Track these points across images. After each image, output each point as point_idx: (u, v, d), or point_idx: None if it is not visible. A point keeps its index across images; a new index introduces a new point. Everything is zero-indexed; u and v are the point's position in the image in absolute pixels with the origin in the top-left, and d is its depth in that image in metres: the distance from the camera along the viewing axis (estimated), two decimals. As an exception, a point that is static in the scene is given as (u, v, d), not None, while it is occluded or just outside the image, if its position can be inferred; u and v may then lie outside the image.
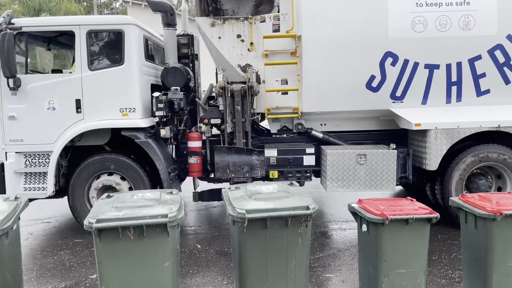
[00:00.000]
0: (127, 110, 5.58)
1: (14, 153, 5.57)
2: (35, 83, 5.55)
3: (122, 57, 5.55)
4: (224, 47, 5.85)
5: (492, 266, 3.27)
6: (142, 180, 5.67)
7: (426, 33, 5.47)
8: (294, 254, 3.10)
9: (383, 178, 5.55)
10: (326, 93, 5.70)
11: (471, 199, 3.46)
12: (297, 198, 3.23)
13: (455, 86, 5.65)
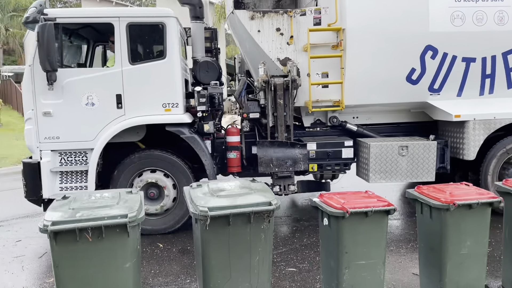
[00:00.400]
0: (170, 105, 5.42)
1: (49, 151, 5.28)
2: (72, 78, 5.27)
3: (164, 50, 5.38)
4: (264, 41, 5.76)
5: (446, 254, 3.42)
6: (186, 176, 5.51)
7: (464, 27, 5.61)
8: (257, 250, 3.10)
9: (423, 168, 5.62)
10: (368, 86, 5.74)
11: (426, 190, 3.60)
12: (260, 194, 3.23)
13: (489, 79, 5.84)
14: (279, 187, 5.69)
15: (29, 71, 5.25)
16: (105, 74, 5.39)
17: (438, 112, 5.88)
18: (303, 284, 4.16)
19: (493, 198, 3.42)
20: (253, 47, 5.87)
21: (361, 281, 3.29)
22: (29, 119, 5.28)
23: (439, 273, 3.46)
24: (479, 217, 3.44)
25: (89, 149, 5.34)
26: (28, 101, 5.28)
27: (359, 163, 5.95)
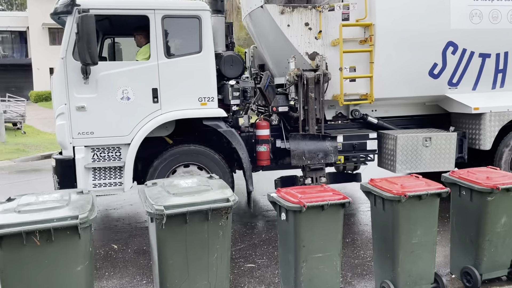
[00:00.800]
0: (206, 99, 5.37)
1: (83, 147, 5.08)
2: (107, 71, 5.09)
3: (200, 44, 5.30)
4: (293, 35, 5.76)
5: (399, 244, 3.54)
6: (223, 172, 5.41)
7: (481, 24, 5.89)
8: (215, 247, 3.07)
9: (445, 158, 5.86)
10: (395, 80, 5.88)
11: (379, 183, 3.70)
12: (217, 191, 3.20)
13: (501, 74, 6.19)
14: (311, 179, 5.71)
15: (61, 64, 5.01)
16: (141, 67, 5.23)
17: (456, 105, 6.13)
18: (262, 280, 4.18)
19: (441, 189, 3.58)
20: (281, 41, 5.88)
21: (318, 273, 3.35)
22: (61, 114, 5.04)
23: (392, 262, 3.58)
24: (428, 207, 3.58)
25: (123, 144, 5.21)
26: (60, 95, 5.05)
27: (382, 154, 6.10)
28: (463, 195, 3.85)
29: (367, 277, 4.16)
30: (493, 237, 3.77)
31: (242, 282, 4.14)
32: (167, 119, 5.23)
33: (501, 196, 3.68)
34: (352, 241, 5.11)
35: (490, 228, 3.74)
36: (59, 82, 5.05)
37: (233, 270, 4.35)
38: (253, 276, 4.26)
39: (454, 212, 4.00)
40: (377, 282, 3.80)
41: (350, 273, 4.28)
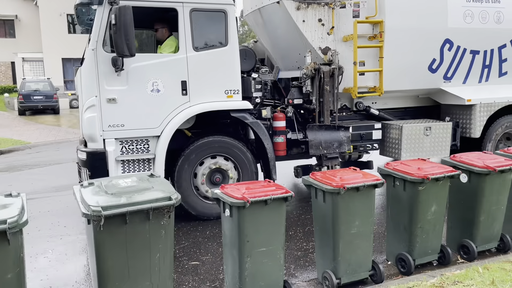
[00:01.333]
0: (232, 92, 5.53)
1: (113, 139, 5.07)
2: (137, 63, 5.07)
3: (226, 38, 5.45)
4: (307, 30, 6.02)
5: (338, 234, 3.66)
6: (249, 162, 5.63)
7: (473, 24, 6.45)
8: (157, 247, 3.00)
9: (441, 146, 6.43)
10: (400, 74, 6.28)
11: (320, 176, 3.80)
12: (158, 189, 3.12)
13: (487, 69, 6.80)
14: (327, 167, 5.87)
15: (92, 55, 4.96)
16: (171, 60, 5.28)
17: (449, 97, 6.66)
18: (207, 277, 4.15)
19: (377, 181, 3.74)
20: (295, 36, 6.14)
21: (262, 267, 3.38)
22: (92, 106, 5.00)
23: (333, 252, 3.70)
24: (366, 198, 3.74)
25: (152, 136, 5.25)
26: (89, 87, 5.01)
27: (386, 143, 6.53)
28: (397, 185, 4.05)
29: (309, 268, 4.27)
30: (424, 224, 4.01)
31: (186, 281, 4.08)
32: (198, 111, 5.34)
33: (431, 185, 3.92)
34: (295, 233, 5.22)
35: (422, 216, 3.98)
36: (89, 74, 5.01)
37: (176, 269, 4.28)
38: (198, 274, 4.22)
39: (389, 202, 4.21)
40: (319, 272, 3.91)
41: (293, 265, 4.36)
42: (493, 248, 4.46)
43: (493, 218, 4.32)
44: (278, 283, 3.49)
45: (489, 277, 3.53)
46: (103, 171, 5.01)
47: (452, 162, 4.34)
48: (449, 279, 3.59)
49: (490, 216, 4.30)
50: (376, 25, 6.12)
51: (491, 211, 4.28)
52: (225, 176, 5.63)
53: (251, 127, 5.67)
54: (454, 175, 4.03)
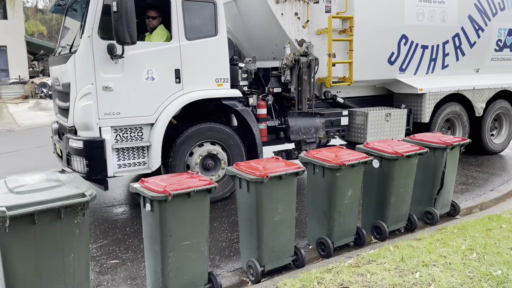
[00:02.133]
0: (222, 80, 5.71)
1: (109, 127, 5.05)
2: (133, 51, 5.05)
3: (216, 28, 5.61)
4: (285, 23, 6.37)
5: (262, 222, 3.71)
6: (238, 146, 5.88)
7: (423, 22, 7.14)
8: (71, 248, 2.79)
9: (398, 130, 7.14)
10: (365, 65, 6.81)
11: (243, 166, 3.82)
12: (70, 186, 2.90)
13: (433, 62, 7.54)
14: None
15: (87, 43, 4.88)
16: (165, 48, 5.32)
17: (404, 87, 7.38)
18: (128, 275, 3.98)
19: (298, 169, 3.84)
20: (274, 28, 6.48)
21: (186, 261, 3.32)
22: (87, 94, 4.92)
23: (257, 240, 3.75)
24: (288, 186, 3.83)
25: (145, 124, 5.29)
26: (85, 75, 4.92)
27: (352, 129, 7.11)
28: (316, 172, 4.20)
29: (234, 258, 4.29)
30: (342, 208, 4.22)
31: (105, 280, 3.88)
32: (192, 99, 5.45)
33: (347, 171, 4.12)
34: (220, 224, 5.20)
35: (340, 201, 4.18)
36: (84, 62, 4.92)
37: (94, 269, 4.05)
38: (117, 272, 4.03)
39: (310, 188, 4.36)
40: (244, 262, 3.94)
41: (218, 256, 4.35)
42: (402, 227, 4.83)
43: (401, 200, 4.67)
44: (203, 276, 3.45)
45: (399, 255, 3.81)
46: (101, 160, 5.00)
47: (365, 149, 4.61)
48: (364, 259, 3.81)
49: (399, 198, 4.64)
50: (346, 20, 6.62)
51: (400, 194, 4.63)
52: (217, 161, 5.82)
53: (241, 114, 5.88)
54: (367, 161, 4.28)
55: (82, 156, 4.98)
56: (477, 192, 6.34)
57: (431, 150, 4.84)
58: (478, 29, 7.82)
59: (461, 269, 3.45)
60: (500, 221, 4.61)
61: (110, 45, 4.88)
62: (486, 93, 8.20)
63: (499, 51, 8.27)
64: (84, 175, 4.98)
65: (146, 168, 5.29)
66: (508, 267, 3.42)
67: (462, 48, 7.77)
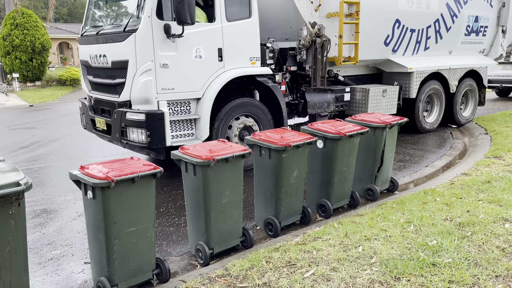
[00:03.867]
0: (255, 59, 6.32)
1: (165, 101, 5.50)
2: (185, 31, 5.41)
3: (250, 10, 6.18)
4: (301, 7, 7.08)
5: (210, 206, 3.69)
6: (269, 120, 6.51)
7: (413, 8, 7.99)
8: (6, 240, 2.62)
9: (392, 104, 8.02)
10: (366, 46, 7.51)
11: (189, 150, 3.75)
12: (2, 175, 2.71)
13: (418, 44, 8.43)
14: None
15: (147, 22, 5.28)
16: (210, 29, 5.80)
17: (395, 66, 8.22)
18: (71, 265, 3.83)
19: (244, 151, 3.85)
20: (290, 11, 7.17)
21: (132, 248, 3.24)
22: (148, 70, 5.34)
23: (205, 224, 3.73)
24: (235, 168, 3.82)
25: (193, 99, 5.80)
26: (145, 53, 5.32)
27: (353, 104, 7.87)
28: (263, 154, 4.23)
29: (182, 243, 4.25)
30: (288, 188, 4.30)
31: (45, 273, 3.70)
32: (233, 76, 5.99)
33: (293, 152, 4.19)
34: (166, 210, 5.13)
35: (286, 181, 4.25)
36: (144, 40, 5.30)
37: (33, 261, 3.85)
38: (60, 264, 3.86)
39: (257, 170, 4.39)
40: (192, 246, 3.92)
41: (165, 241, 4.29)
42: (345, 205, 5.03)
43: (344, 178, 4.85)
44: (150, 262, 3.39)
45: (343, 231, 3.96)
46: (161, 131, 5.44)
47: (310, 130, 4.71)
48: (310, 236, 3.93)
49: (342, 177, 4.81)
50: (352, 5, 7.28)
51: (343, 172, 4.79)
52: (251, 132, 6.26)
53: (270, 90, 6.42)
54: (312, 142, 4.37)
55: (143, 128, 5.39)
56: (414, 168, 6.72)
57: (372, 129, 5.04)
58: (453, 15, 8.82)
59: (400, 241, 3.66)
60: (435, 194, 4.92)
61: (167, 25, 5.33)
62: (459, 72, 9.32)
63: (467, 35, 9.37)
64: (144, 145, 5.51)
65: (195, 138, 5.84)
66: (442, 237, 3.67)
67: (441, 32, 8.73)
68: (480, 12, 9.43)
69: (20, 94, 19.35)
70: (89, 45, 6.30)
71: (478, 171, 5.82)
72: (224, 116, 6.08)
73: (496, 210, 4.22)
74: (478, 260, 3.27)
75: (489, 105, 13.23)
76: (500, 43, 10.16)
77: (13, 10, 21.20)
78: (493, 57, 10.32)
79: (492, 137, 8.17)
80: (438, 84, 9.01)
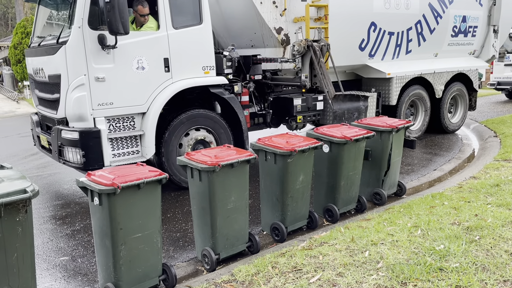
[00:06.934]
0: (208, 68, 5.83)
1: (103, 118, 5.09)
2: (123, 41, 5.04)
3: (200, 16, 5.71)
4: (264, 11, 6.52)
5: (216, 211, 3.71)
6: (227, 133, 6.04)
7: (390, 10, 7.44)
8: (14, 247, 2.66)
9: (370, 111, 7.39)
10: (339, 52, 6.94)
11: (195, 156, 3.78)
12: (10, 182, 2.75)
13: (398, 47, 7.90)
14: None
15: (78, 33, 4.86)
16: (154, 38, 5.36)
17: (373, 72, 7.69)
18: (78, 271, 3.86)
19: (249, 156, 3.86)
20: (253, 17, 6.63)
21: (139, 253, 3.26)
22: (80, 85, 4.93)
23: (211, 229, 3.74)
24: (240, 173, 3.83)
25: (137, 113, 5.35)
26: (77, 66, 4.90)
27: (327, 113, 7.23)
28: (268, 159, 4.24)
29: (188, 248, 4.26)
30: (294, 193, 4.29)
31: (54, 278, 3.74)
32: (182, 87, 5.53)
33: (298, 157, 4.19)
34: (173, 215, 5.15)
35: (292, 186, 4.25)
36: (76, 53, 4.89)
37: (41, 267, 3.89)
38: (67, 269, 3.89)
39: (262, 175, 4.39)
40: (198, 251, 3.93)
41: (172, 247, 4.31)
42: (352, 209, 5.00)
43: (351, 182, 4.83)
44: (157, 267, 3.41)
45: (349, 235, 3.94)
46: (98, 150, 5.05)
47: (315, 134, 4.70)
48: (316, 241, 3.91)
49: (349, 181, 4.79)
50: (320, 9, 6.77)
51: (350, 176, 4.77)
52: (206, 145, 5.89)
53: (227, 102, 5.97)
54: (317, 146, 4.37)
55: (78, 147, 5.00)
56: (422, 172, 6.67)
57: (378, 133, 5.02)
58: (437, 16, 8.25)
59: (407, 246, 3.63)
60: (443, 198, 4.88)
61: (101, 36, 4.91)
62: (445, 76, 8.78)
63: (455, 36, 8.81)
64: (80, 166, 5.09)
65: (140, 156, 5.39)
66: (450, 241, 3.64)
67: (424, 34, 8.17)
68: (468, 11, 8.83)
69: (31, 102, 19.59)
70: (31, 57, 5.94)
71: (487, 174, 5.76)
72: (173, 130, 5.61)
73: (505, 214, 4.17)
74: (486, 264, 3.24)
75: (499, 107, 13.09)
76: (492, 43, 9.51)
77: (23, 19, 21.52)
78: (485, 58, 9.70)
79: (502, 140, 8.08)
80: (422, 89, 8.44)
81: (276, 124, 7.27)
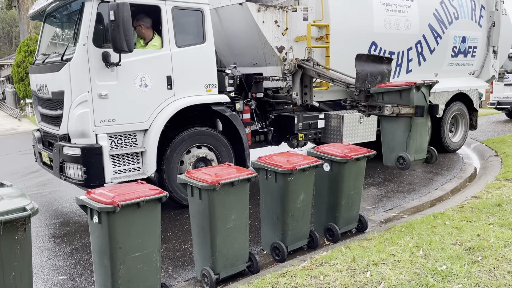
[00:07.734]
0: (210, 86, 5.87)
1: (105, 134, 5.11)
2: (127, 59, 5.08)
3: (204, 35, 5.78)
4: (266, 30, 6.54)
5: (216, 230, 3.67)
6: (228, 151, 6.03)
7: (390, 30, 7.57)
8: (11, 266, 2.63)
9: (370, 131, 7.43)
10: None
11: (195, 174, 3.77)
12: (9, 200, 2.74)
13: (399, 67, 7.99)
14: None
15: (83, 51, 4.93)
16: (157, 56, 5.42)
17: None
18: (76, 291, 3.81)
19: (250, 175, 3.85)
20: (255, 36, 6.64)
21: (137, 273, 3.22)
22: (84, 102, 4.97)
23: (211, 248, 3.70)
24: (240, 192, 3.82)
25: (139, 130, 5.39)
26: (81, 82, 4.96)
27: (328, 131, 7.30)
28: (269, 178, 4.23)
29: (188, 268, 4.22)
30: (295, 212, 4.26)
31: (52, 298, 3.69)
32: (184, 105, 5.57)
33: (299, 176, 4.18)
34: (173, 234, 5.11)
35: (292, 205, 4.23)
36: (80, 70, 4.95)
37: (40, 286, 3.84)
38: (66, 289, 3.85)
39: (263, 193, 4.38)
40: (198, 271, 3.88)
41: (171, 266, 4.26)
42: (353, 229, 4.96)
43: (352, 201, 4.80)
44: (156, 287, 3.36)
45: (350, 255, 3.90)
46: (99, 167, 5.05)
47: (316, 153, 4.70)
48: (317, 261, 3.87)
49: (350, 200, 4.76)
50: (322, 28, 6.87)
51: (350, 195, 4.75)
52: (207, 163, 5.89)
53: (229, 119, 6.02)
54: (318, 165, 4.36)
55: (79, 163, 5.01)
56: (423, 191, 6.64)
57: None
58: (437, 36, 8.41)
59: (409, 266, 3.59)
60: (444, 218, 4.84)
61: (105, 53, 4.97)
62: (445, 95, 8.89)
63: (454, 56, 8.96)
64: (81, 182, 5.08)
65: (141, 173, 5.39)
66: (452, 261, 3.60)
67: (424, 54, 8.30)
68: (468, 32, 9.00)
69: (33, 120, 19.67)
70: (35, 74, 6.02)
71: (489, 194, 5.73)
72: (174, 147, 5.62)
73: (507, 234, 4.13)
74: (489, 285, 3.19)
75: (499, 126, 13.12)
76: (491, 64, 9.65)
77: (27, 37, 21.80)
78: (485, 78, 9.81)
79: (503, 159, 8.07)
80: None
81: (277, 142, 7.29)
